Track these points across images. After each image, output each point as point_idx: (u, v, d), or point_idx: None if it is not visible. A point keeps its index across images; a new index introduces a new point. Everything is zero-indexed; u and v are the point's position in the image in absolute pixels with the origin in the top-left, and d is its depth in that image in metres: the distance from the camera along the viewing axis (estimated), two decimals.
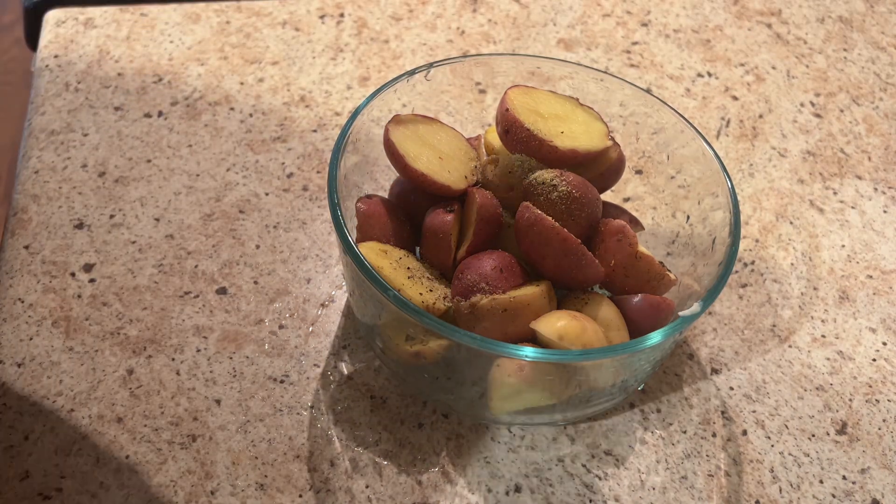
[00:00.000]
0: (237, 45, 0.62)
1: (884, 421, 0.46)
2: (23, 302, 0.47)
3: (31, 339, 0.45)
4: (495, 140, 0.46)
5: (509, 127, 0.44)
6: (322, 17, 0.64)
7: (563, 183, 0.41)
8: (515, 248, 0.42)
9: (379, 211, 0.44)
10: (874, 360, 0.48)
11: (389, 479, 0.42)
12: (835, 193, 0.57)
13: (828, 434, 0.45)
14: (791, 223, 0.55)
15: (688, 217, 0.47)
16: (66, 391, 0.43)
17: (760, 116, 0.61)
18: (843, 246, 0.54)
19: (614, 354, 0.39)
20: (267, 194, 0.53)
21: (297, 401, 0.44)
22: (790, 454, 0.44)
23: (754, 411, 0.46)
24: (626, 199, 0.51)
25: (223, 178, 0.53)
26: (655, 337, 0.38)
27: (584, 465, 0.43)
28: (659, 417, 0.45)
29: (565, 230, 0.40)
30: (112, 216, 0.51)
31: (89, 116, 0.56)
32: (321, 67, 0.61)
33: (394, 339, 0.41)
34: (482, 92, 0.54)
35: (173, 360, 0.45)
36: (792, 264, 0.52)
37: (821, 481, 0.43)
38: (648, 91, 0.50)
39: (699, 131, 0.46)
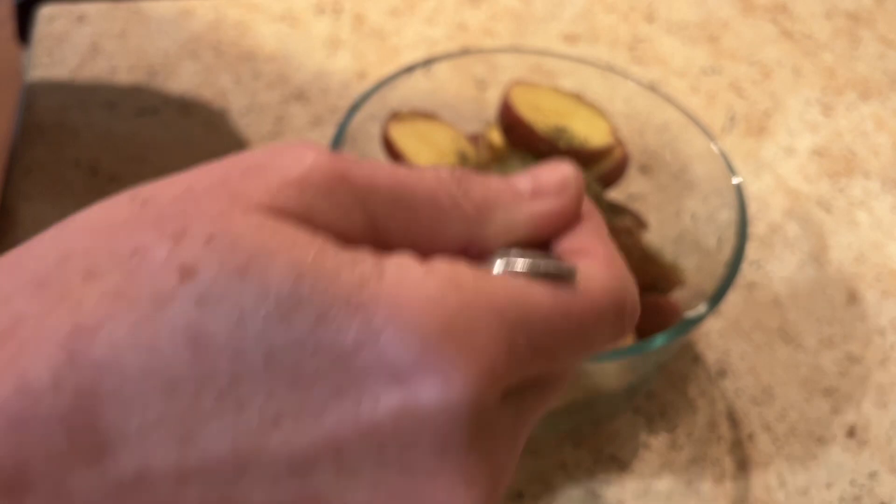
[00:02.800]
0: (232, 41, 0.61)
1: (893, 424, 0.45)
2: None
3: None
4: (496, 138, 0.46)
5: (511, 124, 0.43)
6: (319, 11, 0.64)
7: None
8: None
9: None
10: (883, 362, 0.48)
11: None
12: (842, 192, 0.56)
13: (836, 438, 0.44)
14: (798, 222, 0.54)
15: (693, 216, 0.46)
16: None
17: (767, 114, 0.60)
18: (852, 246, 0.53)
19: (618, 357, 0.38)
20: None
21: None
22: (797, 458, 0.43)
23: (761, 414, 0.45)
24: (631, 197, 0.50)
25: None
26: (661, 339, 0.37)
27: (587, 471, 0.42)
28: (664, 421, 0.44)
29: None
30: None
31: (81, 114, 0.55)
32: (318, 63, 0.60)
33: None
34: (483, 88, 0.53)
35: None
36: (799, 265, 0.52)
37: (828, 486, 0.43)
38: (653, 87, 0.49)
39: (704, 128, 0.46)
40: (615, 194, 0.50)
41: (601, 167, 0.45)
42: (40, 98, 0.56)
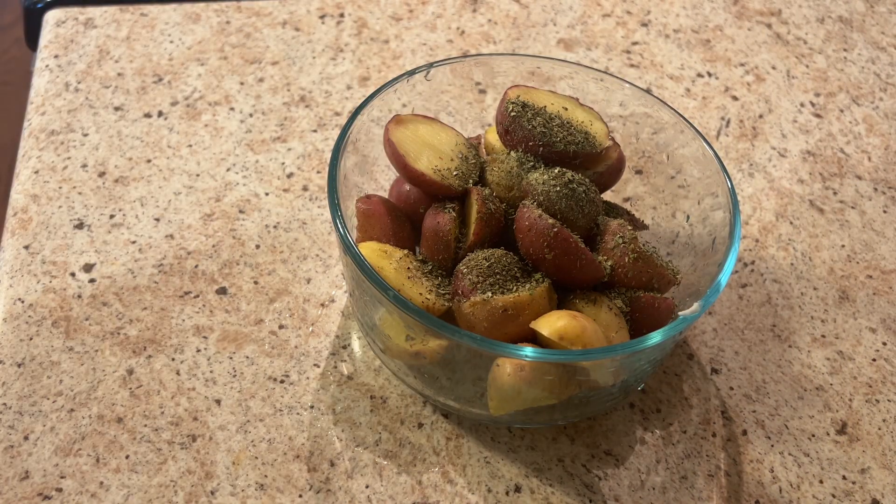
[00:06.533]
0: (237, 45, 0.62)
1: (884, 421, 0.46)
2: (23, 302, 0.47)
3: (31, 338, 0.45)
4: (495, 140, 0.46)
5: (509, 127, 0.44)
6: (322, 17, 0.65)
7: (563, 183, 0.41)
8: (516, 247, 0.42)
9: (379, 211, 0.44)
10: (874, 360, 0.48)
11: (389, 479, 0.42)
12: (835, 193, 0.57)
13: (828, 434, 0.45)
14: (791, 223, 0.55)
15: (688, 217, 0.47)
16: (66, 391, 0.43)
17: (760, 116, 0.61)
18: (843, 246, 0.54)
19: (614, 354, 0.39)
20: (267, 194, 0.53)
21: (297, 401, 0.44)
22: (790, 454, 0.44)
23: (754, 411, 0.46)
24: (627, 199, 0.51)
25: (223, 178, 0.53)
26: (655, 337, 0.38)
27: (584, 465, 0.43)
28: (659, 417, 0.45)
29: (565, 230, 0.40)
30: (112, 216, 0.51)
31: (89, 116, 0.56)
32: (321, 67, 0.61)
33: (394, 339, 0.41)
34: (482, 92, 0.54)
35: (173, 360, 0.45)
36: (792, 264, 0.52)
37: (821, 481, 0.43)
38: (648, 91, 0.50)
39: (699, 131, 0.46)
40: (612, 196, 0.51)
41: (598, 169, 0.45)
42: (48, 101, 0.57)
